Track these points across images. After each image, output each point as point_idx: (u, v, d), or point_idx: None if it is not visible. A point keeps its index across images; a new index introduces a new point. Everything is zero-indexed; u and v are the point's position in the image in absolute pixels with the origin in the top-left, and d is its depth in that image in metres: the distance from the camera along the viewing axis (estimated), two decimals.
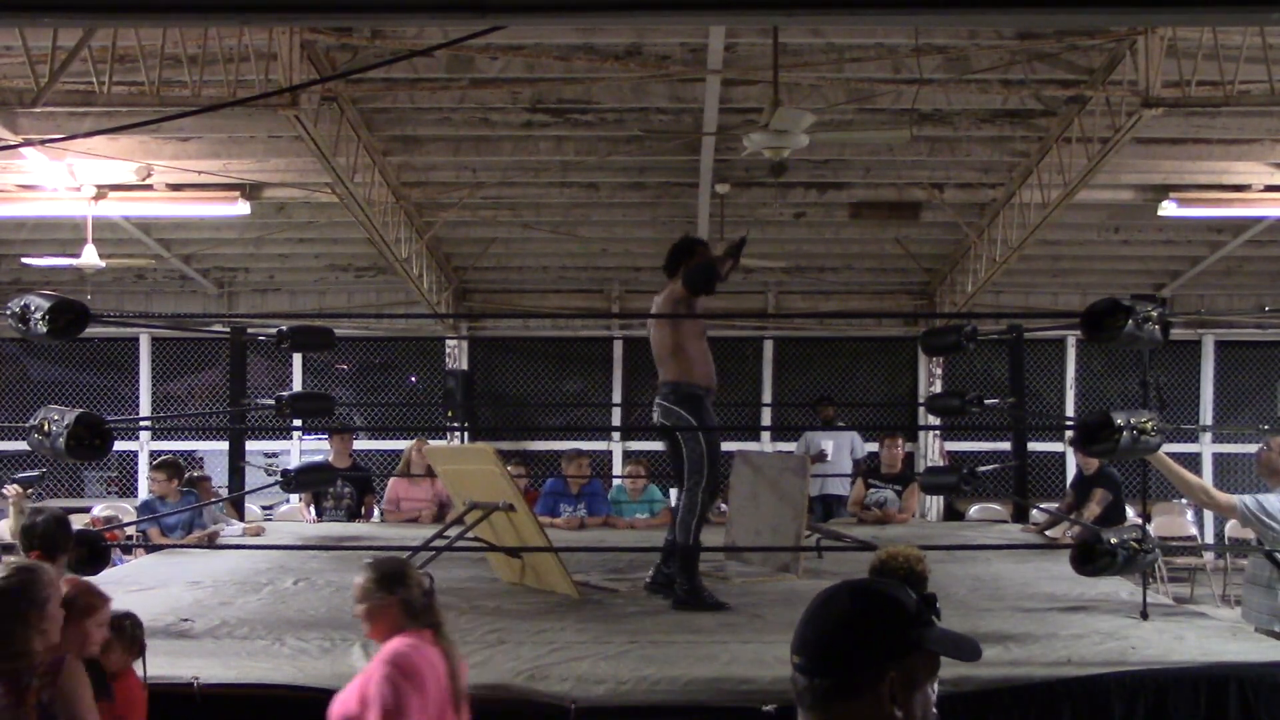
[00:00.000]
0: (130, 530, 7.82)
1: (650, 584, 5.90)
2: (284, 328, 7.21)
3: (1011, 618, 5.27)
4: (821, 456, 9.76)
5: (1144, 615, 5.16)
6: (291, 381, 12.85)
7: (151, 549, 7.27)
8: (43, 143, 7.91)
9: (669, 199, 10.72)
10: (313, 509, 8.94)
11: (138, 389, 13.04)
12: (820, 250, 12.21)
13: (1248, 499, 5.22)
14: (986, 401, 7.49)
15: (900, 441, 9.08)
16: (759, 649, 4.48)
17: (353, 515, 8.78)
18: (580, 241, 11.72)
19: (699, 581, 5.63)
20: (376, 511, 9.36)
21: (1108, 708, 4.14)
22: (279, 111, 7.40)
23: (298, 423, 9.74)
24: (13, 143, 7.81)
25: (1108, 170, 8.75)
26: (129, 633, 3.82)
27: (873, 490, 8.84)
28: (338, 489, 8.73)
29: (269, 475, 10.37)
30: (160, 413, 12.91)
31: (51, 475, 12.79)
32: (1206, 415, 12.90)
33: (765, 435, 12.09)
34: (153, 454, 12.22)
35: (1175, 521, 10.83)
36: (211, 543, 7.32)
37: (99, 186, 9.53)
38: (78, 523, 6.43)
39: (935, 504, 11.63)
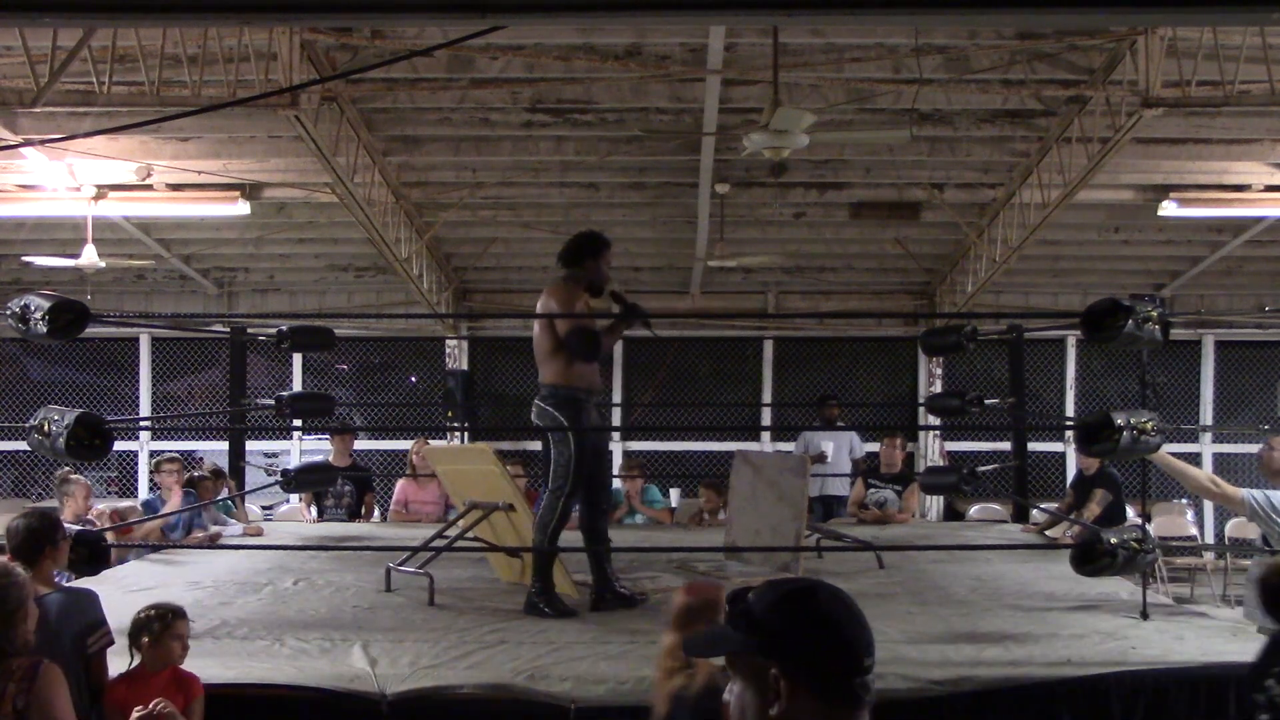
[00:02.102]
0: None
1: (596, 603, 5.58)
2: (284, 328, 7.22)
3: (1011, 618, 5.28)
4: (821, 458, 9.74)
5: (1144, 615, 5.17)
6: (291, 381, 12.84)
7: (152, 548, 7.26)
8: (43, 143, 7.91)
9: (669, 199, 10.72)
10: (313, 508, 8.94)
11: (138, 389, 13.04)
12: (820, 250, 12.20)
13: (1257, 494, 5.21)
14: (986, 401, 7.50)
15: (900, 441, 9.08)
16: None
17: (353, 514, 8.79)
18: None
19: (552, 586, 5.48)
20: (376, 511, 9.37)
21: (1108, 708, 4.14)
22: (279, 111, 7.40)
23: (298, 423, 9.74)
24: (13, 143, 7.81)
25: (1108, 170, 8.75)
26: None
27: (873, 490, 8.84)
28: (338, 488, 8.74)
29: (269, 475, 10.38)
30: (160, 413, 12.90)
31: (51, 475, 12.80)
32: (1206, 415, 12.89)
33: (765, 435, 12.08)
34: (152, 454, 12.22)
35: (1175, 521, 10.83)
36: (213, 543, 7.32)
37: (99, 186, 9.53)
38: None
39: (935, 504, 11.63)
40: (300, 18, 5.53)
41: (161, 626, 3.85)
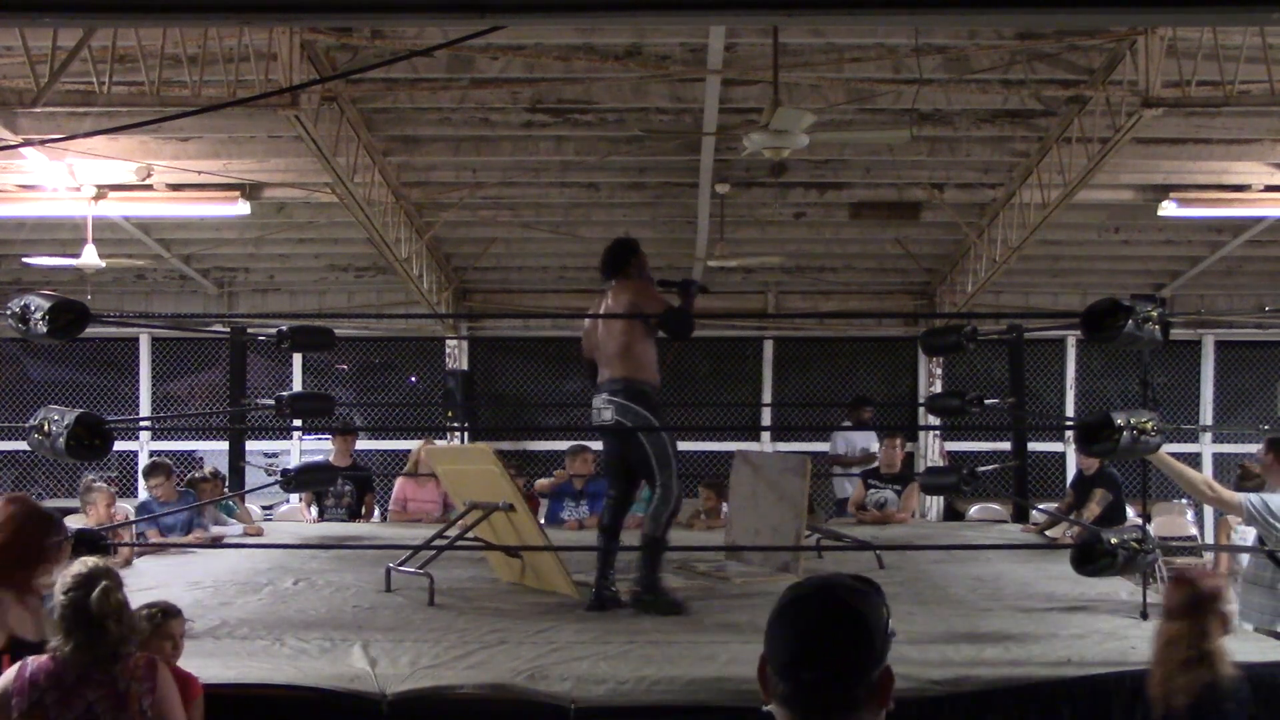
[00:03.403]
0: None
1: (595, 603, 5.52)
2: (284, 328, 7.22)
3: (1011, 618, 5.28)
4: (871, 458, 9.72)
5: (1144, 615, 5.16)
6: (291, 381, 12.84)
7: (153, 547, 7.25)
8: (43, 143, 7.91)
9: (669, 199, 10.72)
10: (314, 508, 8.93)
11: (138, 389, 13.04)
12: (820, 250, 12.21)
13: (1254, 497, 5.22)
14: (986, 401, 7.49)
15: (900, 442, 9.08)
16: (759, 649, 4.46)
17: (353, 514, 8.78)
18: (580, 241, 11.71)
19: (661, 580, 5.50)
20: (376, 511, 9.36)
21: (1108, 708, 4.14)
22: (279, 111, 7.40)
23: (298, 423, 9.73)
24: (13, 143, 7.81)
25: (1108, 170, 8.75)
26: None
27: (873, 491, 8.83)
28: (338, 488, 8.73)
29: (269, 475, 10.37)
30: (160, 413, 12.91)
31: (51, 475, 12.81)
32: (1206, 415, 12.90)
33: (765, 435, 12.08)
34: (152, 454, 12.22)
35: (1175, 521, 10.81)
36: (213, 544, 7.32)
37: (99, 186, 9.53)
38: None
39: (935, 504, 11.62)
40: (300, 18, 5.53)
41: (151, 626, 3.84)
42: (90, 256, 9.65)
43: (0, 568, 3.47)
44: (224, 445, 10.15)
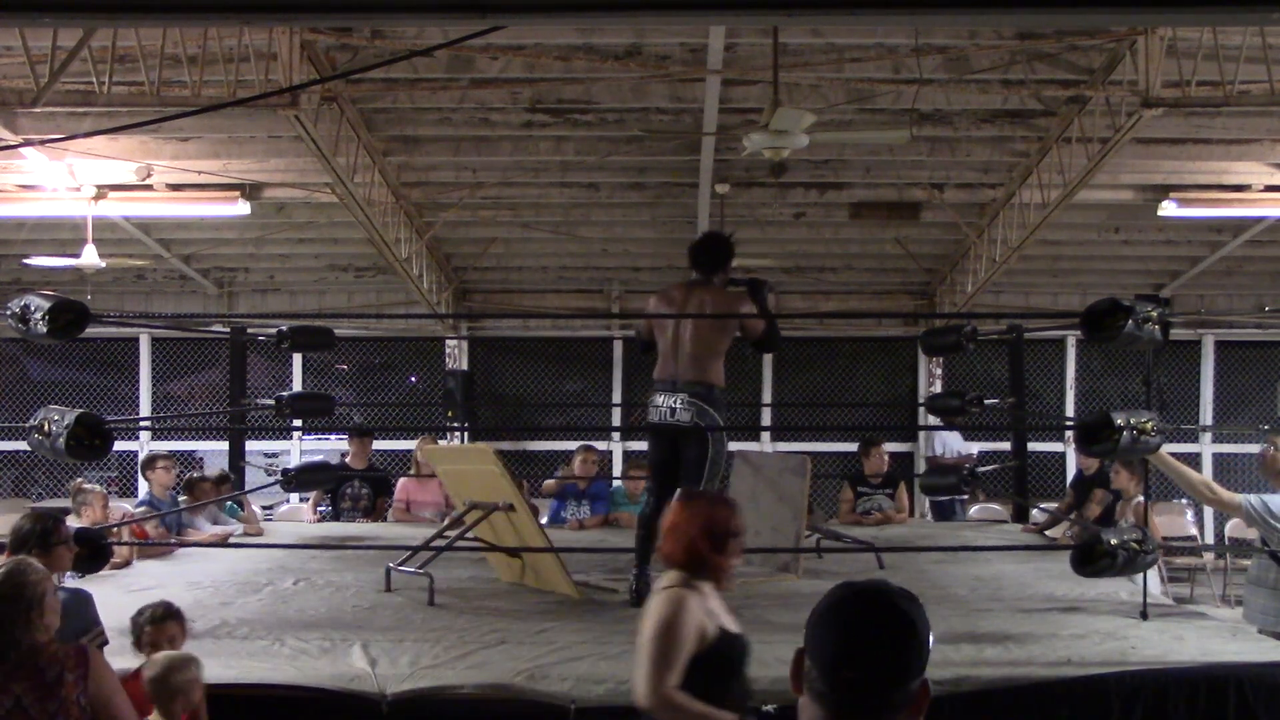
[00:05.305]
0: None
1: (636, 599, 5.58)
2: (284, 328, 7.23)
3: (1011, 618, 5.28)
4: (969, 460, 9.69)
5: (1144, 615, 5.17)
6: (291, 381, 12.85)
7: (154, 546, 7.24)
8: (43, 143, 7.91)
9: (669, 199, 10.72)
10: (322, 507, 8.89)
11: (138, 389, 13.04)
12: (820, 250, 12.20)
13: (1253, 499, 5.22)
14: (986, 401, 7.50)
15: (883, 448, 9.04)
16: (759, 649, 4.43)
17: (368, 516, 8.72)
18: (580, 241, 11.72)
19: None
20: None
21: (1108, 708, 4.14)
22: (279, 111, 7.40)
23: (298, 423, 9.73)
24: (13, 143, 7.81)
25: (1108, 170, 8.74)
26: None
27: (864, 498, 8.76)
28: (355, 490, 8.68)
29: (269, 475, 10.38)
30: (160, 413, 12.91)
31: (51, 475, 12.81)
32: (1206, 415, 12.89)
33: (765, 435, 12.08)
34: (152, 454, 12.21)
35: (1175, 521, 10.81)
36: (212, 544, 7.31)
37: (99, 186, 9.53)
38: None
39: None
40: (300, 18, 5.53)
41: (152, 627, 3.93)
42: (90, 256, 9.64)
43: (698, 557, 3.25)
44: (224, 445, 10.15)
